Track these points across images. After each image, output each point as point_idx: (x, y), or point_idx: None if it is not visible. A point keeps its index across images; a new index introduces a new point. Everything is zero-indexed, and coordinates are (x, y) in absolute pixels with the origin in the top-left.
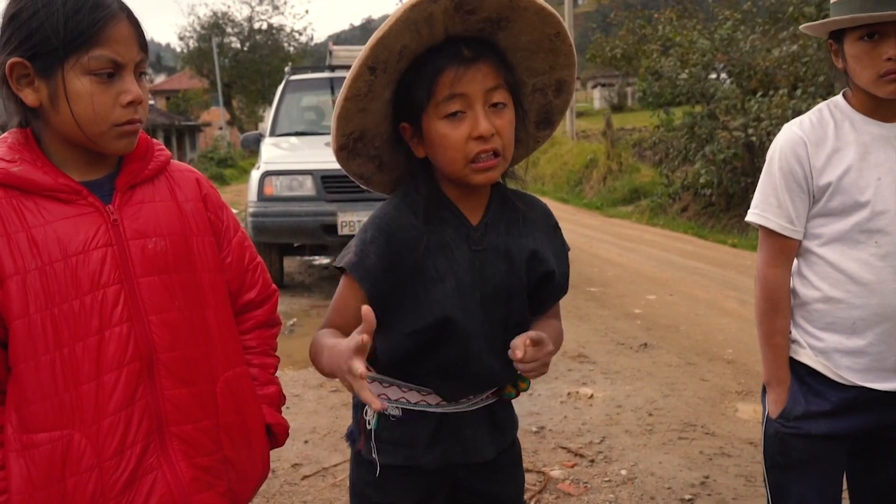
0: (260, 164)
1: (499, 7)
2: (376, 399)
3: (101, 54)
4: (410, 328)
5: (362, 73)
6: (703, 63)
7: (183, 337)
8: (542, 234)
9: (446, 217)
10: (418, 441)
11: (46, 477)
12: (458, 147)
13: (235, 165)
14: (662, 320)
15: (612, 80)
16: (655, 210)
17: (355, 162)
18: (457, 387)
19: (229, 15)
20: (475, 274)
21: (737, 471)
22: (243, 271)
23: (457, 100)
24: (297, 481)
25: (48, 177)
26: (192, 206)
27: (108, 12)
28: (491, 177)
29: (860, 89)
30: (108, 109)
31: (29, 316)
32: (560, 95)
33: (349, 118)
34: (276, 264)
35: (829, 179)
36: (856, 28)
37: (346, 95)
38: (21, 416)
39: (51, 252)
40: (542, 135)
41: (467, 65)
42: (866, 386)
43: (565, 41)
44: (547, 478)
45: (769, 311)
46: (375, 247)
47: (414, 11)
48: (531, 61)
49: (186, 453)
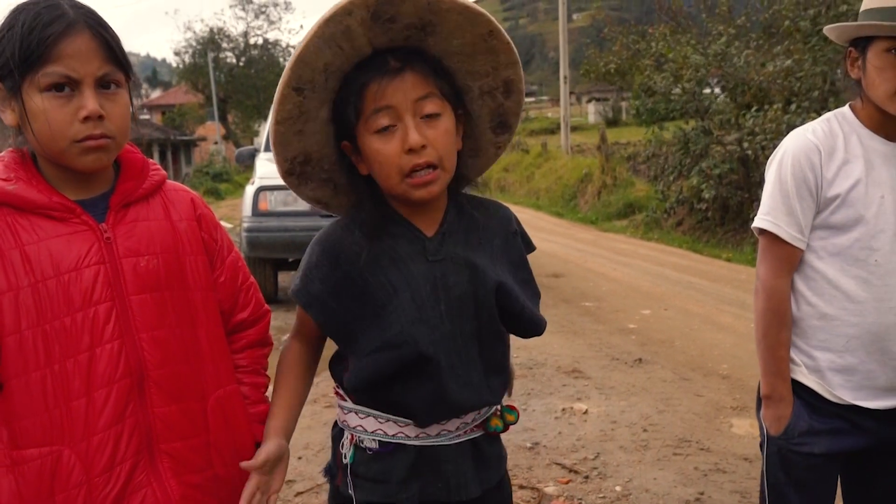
0: (255, 179)
1: (418, 12)
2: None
3: (53, 70)
4: (372, 346)
5: (288, 95)
6: (696, 78)
7: (174, 354)
8: (501, 240)
9: (398, 231)
10: (395, 476)
11: (36, 493)
12: (392, 162)
13: (230, 180)
14: (657, 335)
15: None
16: (650, 224)
17: (308, 187)
18: (435, 409)
19: (225, 30)
20: (435, 285)
21: (732, 487)
22: (236, 291)
23: (384, 113)
24: (290, 498)
25: (42, 195)
26: (185, 225)
27: (60, 28)
28: (431, 191)
29: (870, 103)
30: (64, 126)
31: (21, 332)
32: (510, 96)
33: (286, 143)
34: (270, 279)
35: (839, 191)
36: (884, 39)
37: (276, 119)
38: (11, 432)
39: (44, 269)
40: (502, 140)
41: (392, 76)
42: (857, 404)
43: (501, 39)
44: (541, 494)
45: (774, 323)
46: (319, 271)
47: (329, 26)
48: (470, 64)
49: (176, 471)
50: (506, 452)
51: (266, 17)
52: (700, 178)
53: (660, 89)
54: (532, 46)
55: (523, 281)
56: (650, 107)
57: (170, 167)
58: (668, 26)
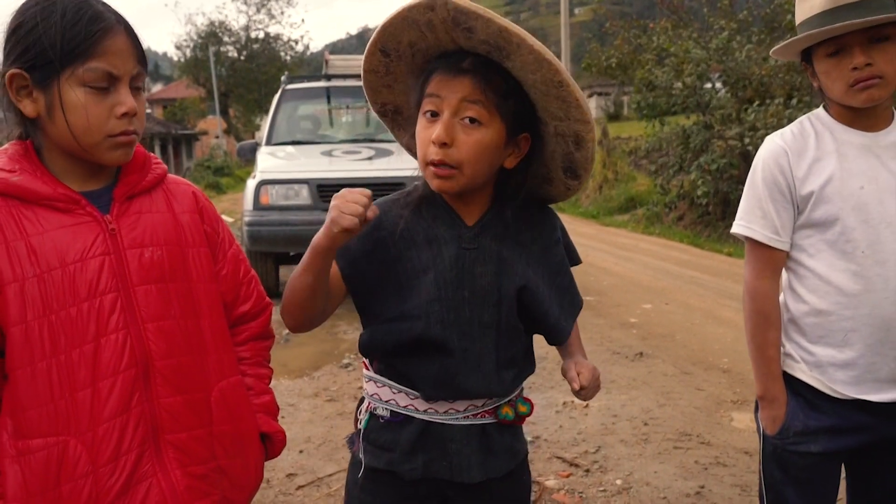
0: (256, 173)
1: (490, 35)
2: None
3: (97, 66)
4: (388, 315)
5: (374, 53)
6: (697, 73)
7: (178, 345)
8: (540, 247)
9: (439, 214)
10: (400, 446)
11: (42, 483)
12: (423, 146)
13: (232, 174)
14: (658, 329)
15: (608, 89)
16: (651, 219)
17: (403, 134)
18: (440, 388)
19: (226, 24)
20: (461, 270)
21: (732, 480)
22: (238, 284)
23: (433, 100)
24: (291, 491)
25: (47, 186)
26: (188, 217)
27: (104, 25)
28: (444, 185)
29: (836, 103)
30: (102, 120)
31: (26, 322)
32: (580, 149)
33: (375, 90)
34: (271, 273)
35: (812, 188)
36: (822, 46)
37: (365, 68)
38: (16, 422)
39: (49, 260)
40: (572, 185)
41: (456, 73)
42: (861, 398)
43: (571, 93)
44: (542, 488)
45: (761, 323)
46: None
47: (412, 12)
48: (546, 102)
49: (181, 461)
50: (524, 447)
51: (268, 11)
52: (698, 173)
53: (661, 84)
54: None
55: (560, 287)
56: (651, 101)
57: (171, 161)
58: (669, 21)
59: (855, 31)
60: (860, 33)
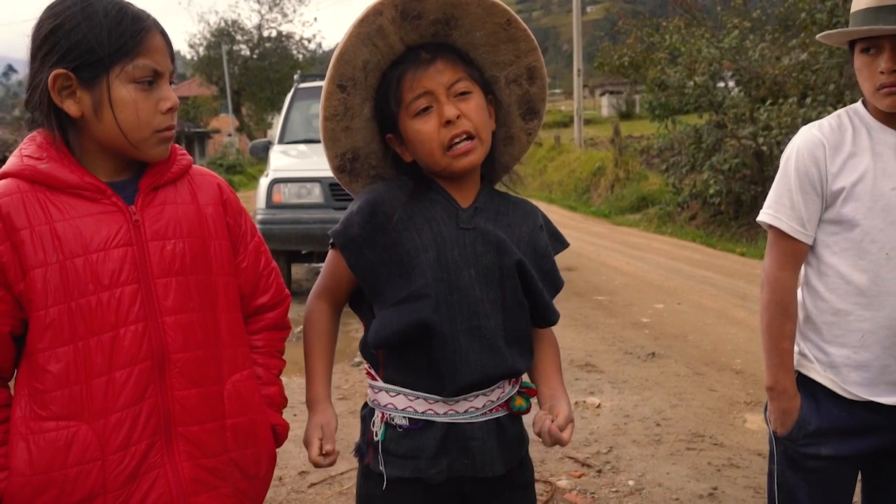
0: (268, 171)
1: (441, 7)
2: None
3: (145, 63)
4: (396, 297)
5: (333, 92)
6: (710, 72)
7: (195, 338)
8: (527, 231)
9: (435, 197)
10: (425, 452)
11: (48, 463)
12: (433, 137)
13: (244, 172)
14: (670, 329)
15: (620, 87)
16: (663, 218)
17: (358, 183)
18: (461, 372)
19: (239, 23)
20: (465, 249)
21: (745, 482)
22: (258, 276)
23: (422, 97)
24: (303, 489)
25: (74, 175)
26: (212, 209)
27: (146, 24)
28: (472, 160)
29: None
30: (150, 116)
31: (47, 308)
32: (534, 83)
33: (335, 138)
34: (284, 271)
35: (843, 185)
36: (859, 41)
37: (325, 116)
38: (32, 404)
39: (72, 247)
40: (532, 126)
41: (426, 65)
42: (874, 400)
43: (518, 27)
44: (554, 488)
45: (778, 314)
46: (360, 217)
47: (364, 26)
48: (495, 55)
49: (191, 454)
50: (527, 434)
51: (280, 9)
52: (710, 173)
53: (672, 83)
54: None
55: (543, 271)
56: (662, 101)
57: None
58: (682, 19)
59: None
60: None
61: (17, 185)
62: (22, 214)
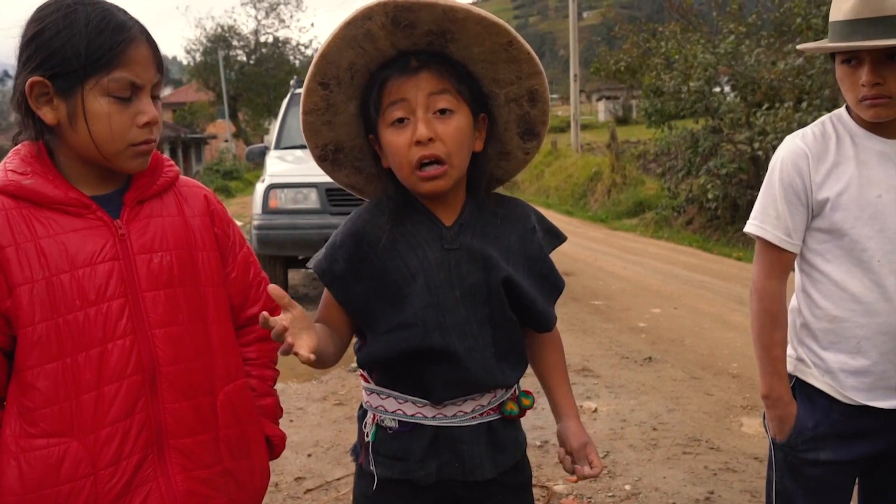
0: (265, 176)
1: (435, 20)
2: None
3: (121, 76)
4: (387, 326)
5: (314, 89)
6: (706, 77)
7: (185, 351)
8: (518, 237)
9: (418, 219)
10: (413, 455)
11: (40, 481)
12: (403, 153)
13: (241, 178)
14: (667, 334)
15: (617, 92)
16: (660, 223)
17: (342, 172)
18: (451, 388)
19: (235, 28)
20: (450, 272)
21: (742, 486)
22: (247, 286)
23: (399, 105)
24: (299, 495)
25: (59, 190)
26: (199, 221)
27: (129, 35)
28: (438, 186)
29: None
30: (124, 129)
31: (34, 325)
32: (535, 105)
33: (316, 130)
34: (280, 277)
35: (828, 195)
36: (840, 52)
37: (304, 110)
38: (22, 422)
39: (58, 263)
40: (531, 146)
41: (410, 74)
42: (871, 405)
43: (521, 49)
44: (550, 493)
45: (768, 323)
46: (343, 251)
47: (350, 29)
48: (495, 72)
49: (184, 466)
50: (524, 437)
51: (277, 15)
52: (707, 178)
53: (668, 89)
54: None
55: (540, 275)
56: (659, 107)
57: (180, 165)
58: (678, 24)
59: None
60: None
61: (0, 201)
62: (7, 232)
